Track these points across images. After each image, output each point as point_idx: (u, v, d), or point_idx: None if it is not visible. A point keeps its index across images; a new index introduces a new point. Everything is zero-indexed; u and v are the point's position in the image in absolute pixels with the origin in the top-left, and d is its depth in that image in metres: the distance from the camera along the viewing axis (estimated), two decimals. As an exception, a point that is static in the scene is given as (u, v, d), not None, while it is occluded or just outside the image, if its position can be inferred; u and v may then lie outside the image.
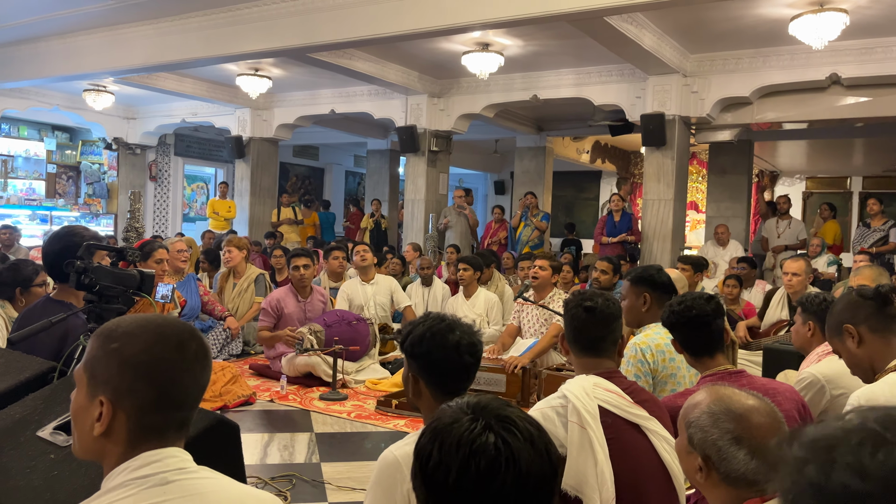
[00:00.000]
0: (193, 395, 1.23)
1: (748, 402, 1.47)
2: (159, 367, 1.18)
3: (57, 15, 7.75)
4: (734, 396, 1.49)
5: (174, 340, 1.21)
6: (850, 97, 7.65)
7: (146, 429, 1.18)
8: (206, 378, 1.26)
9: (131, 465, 1.16)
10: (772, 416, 1.45)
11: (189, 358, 1.21)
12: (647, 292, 3.13)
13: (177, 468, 1.17)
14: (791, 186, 15.27)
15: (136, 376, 1.17)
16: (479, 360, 1.92)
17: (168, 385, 1.19)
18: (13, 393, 2.20)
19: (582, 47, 7.53)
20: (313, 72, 9.02)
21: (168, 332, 1.22)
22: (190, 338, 1.23)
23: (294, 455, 3.49)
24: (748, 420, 1.42)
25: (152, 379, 1.18)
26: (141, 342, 1.19)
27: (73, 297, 2.76)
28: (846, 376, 2.71)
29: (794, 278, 4.97)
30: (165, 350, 1.19)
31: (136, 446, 1.17)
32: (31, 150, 12.47)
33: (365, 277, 5.99)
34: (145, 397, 1.17)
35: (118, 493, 1.14)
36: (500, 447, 1.02)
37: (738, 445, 1.41)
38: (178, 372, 1.20)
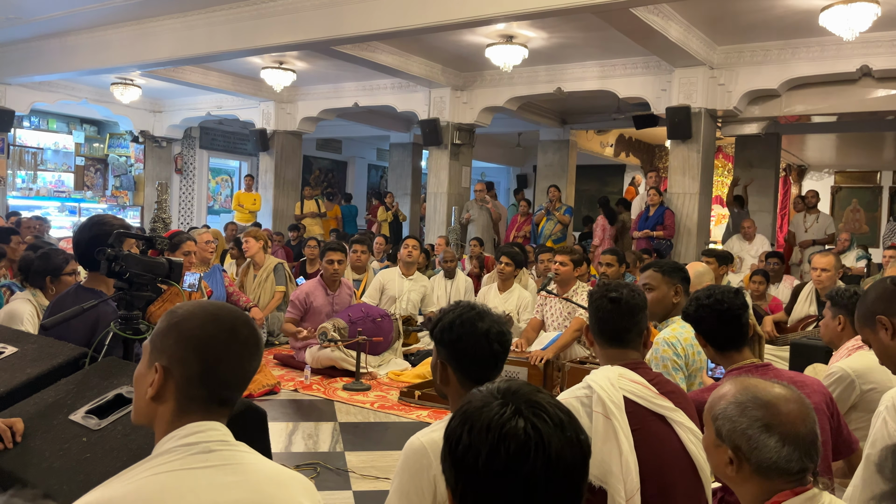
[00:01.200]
0: (239, 376, 1.33)
1: (775, 389, 1.45)
2: (209, 344, 1.29)
3: (85, 9, 7.86)
4: (760, 385, 1.47)
5: (228, 324, 1.32)
6: (881, 90, 7.50)
7: (191, 399, 1.28)
8: (254, 365, 1.35)
9: (179, 433, 1.26)
10: (800, 403, 1.44)
11: (239, 342, 1.31)
12: (679, 284, 3.12)
13: (219, 440, 1.27)
14: (819, 181, 15.02)
15: (187, 348, 1.29)
16: (507, 349, 1.92)
17: (215, 361, 1.29)
18: (46, 377, 2.24)
19: (607, 39, 7.46)
20: (337, 65, 9.05)
21: (223, 315, 1.33)
22: (243, 325, 1.34)
23: (318, 444, 3.52)
24: (777, 407, 1.41)
25: (201, 353, 1.28)
26: (197, 320, 1.31)
27: (103, 285, 2.80)
28: (877, 371, 2.67)
29: (824, 273, 4.90)
30: (217, 330, 1.30)
31: (183, 415, 1.28)
32: (59, 143, 12.67)
33: (406, 271, 6.08)
34: (193, 369, 1.28)
35: (167, 457, 1.23)
36: (530, 432, 1.02)
37: (768, 433, 1.39)
38: (225, 352, 1.30)
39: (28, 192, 11.85)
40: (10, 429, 1.85)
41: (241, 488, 1.22)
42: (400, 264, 6.13)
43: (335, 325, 4.86)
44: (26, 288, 3.75)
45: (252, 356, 1.33)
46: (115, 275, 2.35)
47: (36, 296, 3.67)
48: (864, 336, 2.08)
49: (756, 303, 5.95)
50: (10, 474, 1.78)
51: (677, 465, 2.02)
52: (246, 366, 1.33)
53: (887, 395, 1.82)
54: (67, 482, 1.71)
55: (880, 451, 1.74)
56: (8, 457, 1.82)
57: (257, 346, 1.35)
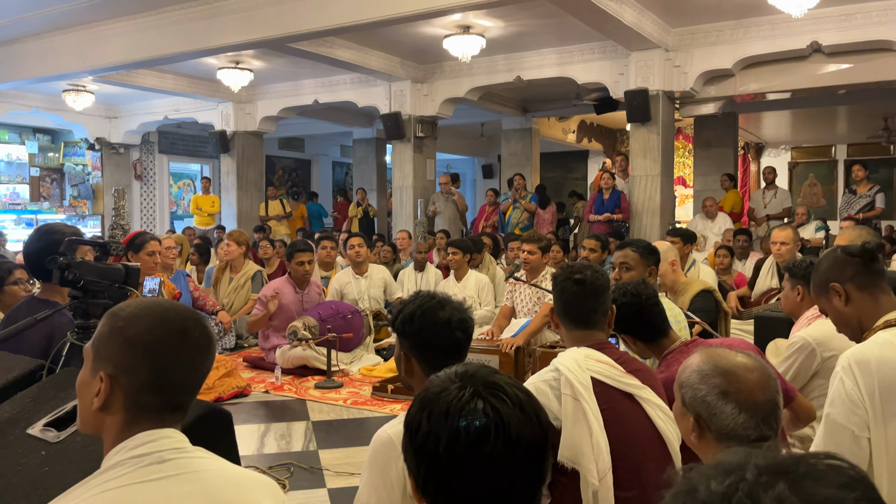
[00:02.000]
0: (192, 380, 1.26)
1: (736, 358, 1.49)
2: (159, 349, 1.21)
3: (32, 16, 7.65)
4: (723, 354, 1.50)
5: (177, 325, 1.24)
6: (831, 64, 7.65)
7: (142, 408, 1.21)
8: (207, 366, 1.29)
9: (128, 444, 1.18)
10: (761, 372, 1.46)
11: (190, 343, 1.24)
12: (654, 266, 3.18)
13: (173, 448, 1.20)
14: (777, 157, 15.31)
15: (135, 355, 1.20)
16: (470, 336, 1.92)
17: (166, 367, 1.21)
18: (1, 393, 2.18)
19: (563, 26, 7.49)
20: (295, 62, 8.95)
21: (172, 316, 1.25)
22: (194, 325, 1.26)
23: (291, 444, 3.49)
24: (735, 374, 1.44)
25: (151, 359, 1.21)
26: (144, 323, 1.22)
27: (58, 296, 2.73)
28: (836, 338, 2.72)
29: (783, 247, 4.98)
30: (167, 333, 1.22)
31: (133, 425, 1.20)
32: (12, 154, 12.34)
33: (358, 271, 5.97)
34: (143, 376, 1.20)
35: (116, 471, 1.16)
36: (490, 413, 1.01)
37: (725, 399, 1.42)
38: (177, 355, 1.22)
39: (-18, 206, 11.54)
40: (-35, 447, 1.78)
41: (197, 498, 1.16)
42: (351, 265, 6.04)
43: (305, 324, 4.81)
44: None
45: (205, 357, 1.27)
46: (68, 283, 2.28)
47: (-12, 309, 3.57)
48: (820, 305, 2.12)
49: (722, 278, 6.04)
50: (-33, 494, 1.73)
51: (647, 441, 2.04)
52: (199, 368, 1.26)
53: (843, 355, 1.86)
54: (26, 497, 1.66)
55: (840, 411, 1.79)
56: (-36, 476, 1.77)
57: (209, 345, 1.28)
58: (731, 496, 0.60)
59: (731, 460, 0.64)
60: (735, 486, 0.60)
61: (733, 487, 0.61)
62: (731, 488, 0.61)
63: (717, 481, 0.62)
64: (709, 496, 0.61)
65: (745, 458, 0.64)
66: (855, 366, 1.82)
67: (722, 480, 0.62)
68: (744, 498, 0.59)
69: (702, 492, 0.62)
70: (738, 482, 0.61)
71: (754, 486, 0.60)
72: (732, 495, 0.60)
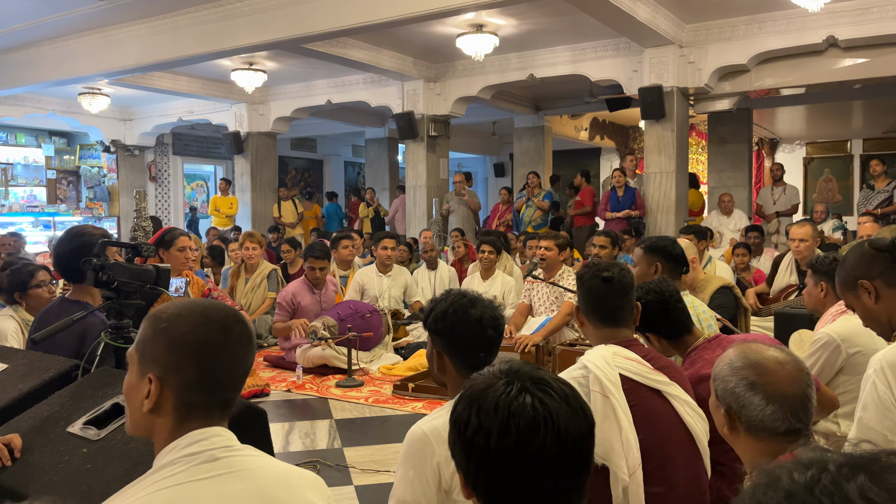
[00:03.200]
0: (237, 375, 1.28)
1: (768, 352, 1.50)
2: (204, 347, 1.23)
3: (48, 20, 7.72)
4: (755, 348, 1.52)
5: (219, 323, 1.26)
6: (847, 59, 7.61)
7: (192, 407, 1.23)
8: (250, 361, 1.31)
9: (180, 443, 1.21)
10: (793, 365, 1.47)
11: (233, 340, 1.26)
12: (660, 262, 3.15)
13: (223, 446, 1.22)
14: (791, 153, 15.21)
15: (182, 355, 1.22)
16: (501, 333, 1.94)
17: (212, 364, 1.24)
18: (38, 392, 2.22)
19: (576, 23, 7.49)
20: (308, 63, 8.99)
21: (213, 314, 1.27)
22: (234, 321, 1.28)
23: (316, 442, 3.52)
24: (764, 367, 1.45)
25: (197, 358, 1.23)
26: (187, 323, 1.24)
27: (88, 297, 2.77)
28: (861, 334, 2.73)
29: (802, 244, 4.96)
30: (210, 331, 1.24)
31: (183, 424, 1.23)
32: (29, 157, 12.47)
33: (383, 270, 6.01)
34: (190, 375, 1.22)
35: (169, 469, 1.18)
36: (538, 407, 1.03)
37: (753, 391, 1.43)
38: (221, 352, 1.24)
39: (0, 208, 11.65)
40: (6, 446, 1.82)
41: (249, 495, 1.18)
42: (377, 263, 6.09)
43: (325, 324, 4.85)
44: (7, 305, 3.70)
45: (247, 352, 1.30)
46: (102, 284, 2.32)
47: (17, 311, 3.63)
48: (846, 301, 2.11)
49: (740, 275, 6.03)
50: (11, 490, 1.76)
51: (676, 437, 2.06)
52: (243, 363, 1.29)
53: (874, 358, 1.85)
54: (70, 494, 1.69)
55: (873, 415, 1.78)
56: (7, 473, 1.81)
57: (251, 340, 1.31)
58: (814, 486, 0.62)
59: (810, 456, 0.67)
60: (817, 477, 0.63)
61: (815, 478, 0.63)
62: (814, 479, 0.63)
63: (799, 472, 0.64)
64: (792, 485, 0.64)
65: (824, 454, 0.67)
66: (887, 368, 1.80)
67: (804, 472, 0.64)
68: (828, 485, 0.62)
69: (784, 481, 0.64)
70: (820, 473, 0.63)
71: (836, 476, 0.62)
72: (815, 485, 0.62)
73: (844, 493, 0.61)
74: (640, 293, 2.43)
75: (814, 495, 0.62)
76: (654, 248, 3.19)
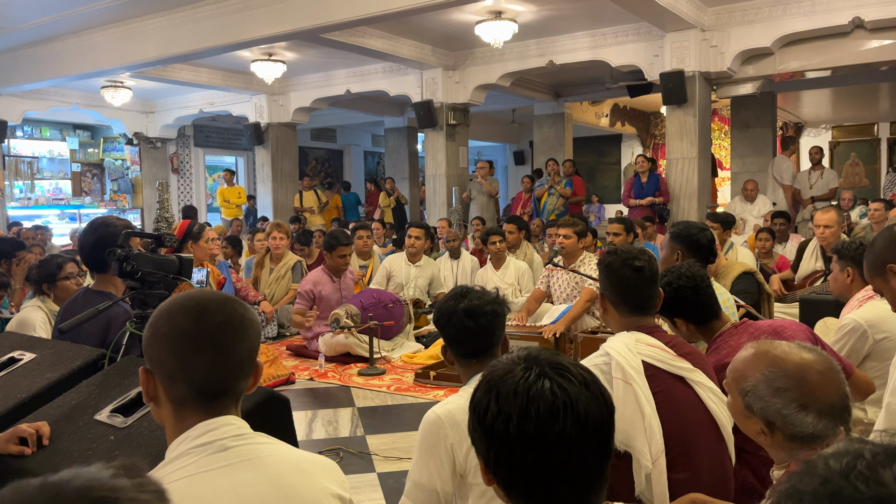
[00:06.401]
0: (223, 365, 1.21)
1: (801, 357, 1.43)
2: (178, 338, 1.20)
3: (71, 13, 7.81)
4: (786, 356, 1.44)
5: (195, 312, 1.21)
6: (874, 41, 7.45)
7: (182, 398, 1.20)
8: (241, 349, 1.23)
9: (190, 434, 1.19)
10: (827, 366, 1.42)
11: (210, 329, 1.20)
12: (681, 250, 3.12)
13: (234, 435, 1.20)
14: (817, 137, 14.96)
15: (160, 346, 1.21)
16: (481, 325, 1.94)
17: (188, 355, 1.19)
18: (66, 381, 2.26)
19: (596, 8, 7.41)
20: (327, 52, 9.00)
21: (191, 304, 1.23)
22: (216, 309, 1.22)
23: (339, 430, 3.55)
24: (808, 382, 1.38)
25: (173, 350, 1.20)
26: (165, 315, 1.22)
27: (111, 287, 2.81)
28: (888, 319, 2.69)
29: (827, 230, 4.89)
30: (185, 321, 1.21)
31: (181, 415, 1.21)
32: (54, 151, 12.66)
33: (413, 259, 6.07)
34: (169, 367, 1.20)
35: (181, 461, 1.17)
36: (557, 392, 1.03)
37: (805, 411, 1.37)
38: (195, 342, 1.20)
39: (27, 201, 11.85)
40: (36, 432, 1.86)
41: (263, 484, 1.17)
42: (406, 253, 6.13)
43: (347, 312, 4.88)
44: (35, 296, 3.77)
45: (234, 340, 1.21)
46: (126, 275, 2.35)
47: (45, 302, 3.69)
48: (875, 286, 2.08)
49: (763, 261, 5.95)
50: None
51: (699, 424, 2.04)
52: (228, 351, 1.21)
53: None
54: (99, 480, 1.72)
55: None
56: (37, 460, 1.84)
57: (239, 328, 1.22)
58: (850, 472, 0.63)
59: (847, 445, 0.68)
60: (853, 464, 0.64)
61: (851, 465, 0.64)
62: (850, 466, 0.64)
63: (835, 460, 0.65)
64: (828, 472, 0.65)
65: (861, 444, 0.68)
66: None
67: (840, 459, 0.65)
68: (863, 471, 0.63)
69: (820, 468, 0.65)
70: (855, 460, 0.64)
71: (872, 463, 0.63)
72: (851, 471, 0.63)
73: (880, 479, 0.62)
74: (672, 277, 2.42)
75: (849, 481, 0.63)
76: (676, 237, 3.17)
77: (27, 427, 1.86)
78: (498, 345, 1.98)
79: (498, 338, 1.98)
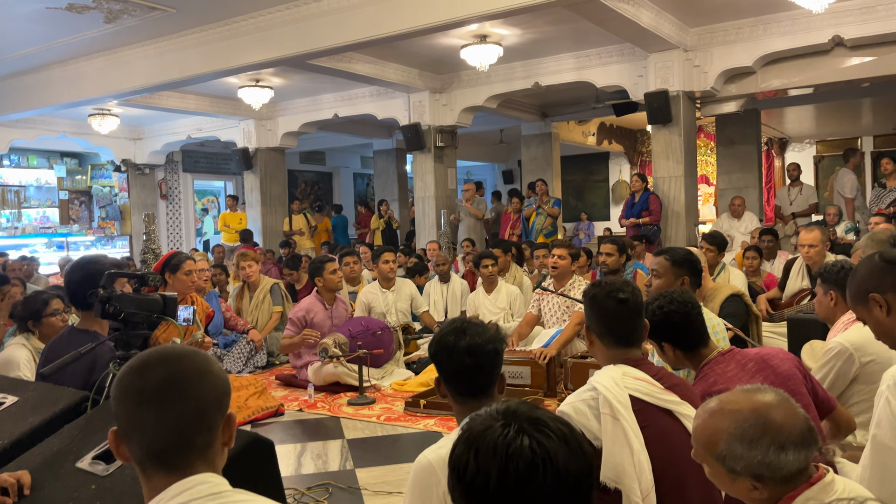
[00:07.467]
0: (169, 421, 1.16)
1: (754, 402, 1.42)
2: (123, 396, 1.18)
3: (57, 43, 7.81)
4: (742, 407, 1.42)
5: (136, 368, 1.18)
6: (854, 58, 7.55)
7: (140, 459, 1.18)
8: (186, 405, 1.17)
9: (163, 497, 1.15)
10: (780, 398, 1.43)
11: (150, 385, 1.16)
12: (687, 276, 3.14)
13: (209, 494, 1.15)
14: (801, 152, 15.10)
15: (114, 405, 1.20)
16: (481, 362, 1.93)
17: (131, 412, 1.17)
18: (49, 425, 2.23)
19: (580, 31, 7.49)
20: (314, 78, 9.03)
21: (135, 362, 1.20)
22: (158, 364, 1.18)
23: (328, 463, 3.51)
24: (774, 422, 1.38)
25: (122, 408, 1.18)
26: (121, 372, 1.20)
27: (97, 326, 2.79)
28: (874, 343, 2.66)
29: (811, 249, 4.91)
30: (130, 379, 1.18)
31: (147, 476, 1.18)
32: (41, 179, 12.61)
33: (385, 285, 5.99)
34: (123, 426, 1.19)
35: None
36: (536, 449, 1.03)
37: (785, 451, 1.37)
38: (138, 399, 1.16)
39: (14, 230, 11.78)
40: (17, 482, 1.83)
41: None
42: (378, 278, 6.05)
43: (336, 341, 4.85)
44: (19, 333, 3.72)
45: (179, 394, 1.16)
46: (109, 316, 2.34)
47: (29, 339, 3.65)
48: (858, 314, 2.07)
49: (751, 279, 5.96)
50: (22, 529, 1.77)
51: (689, 458, 2.02)
52: (172, 406, 1.15)
53: (888, 373, 1.81)
54: (80, 532, 1.69)
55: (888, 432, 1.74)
56: (18, 511, 1.81)
57: (184, 381, 1.17)
58: None
59: None
60: None
61: None
62: None
63: None
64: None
65: None
66: None
67: None
68: None
69: None
70: None
71: None
72: None
73: None
74: (664, 302, 2.41)
75: None
76: (683, 262, 3.19)
77: (8, 477, 1.84)
78: (496, 383, 1.96)
79: (496, 376, 1.96)
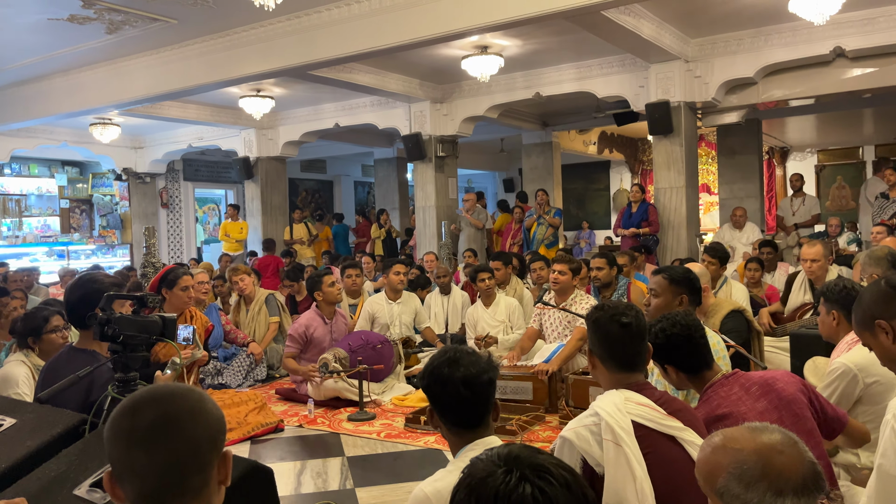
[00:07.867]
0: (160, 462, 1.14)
1: (758, 443, 1.39)
2: (113, 440, 1.17)
3: (59, 53, 7.82)
4: (744, 447, 1.39)
5: (129, 409, 1.17)
6: (855, 69, 7.55)
7: (134, 502, 1.16)
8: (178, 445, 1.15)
9: None
10: (786, 441, 1.38)
11: (140, 428, 1.14)
12: (686, 295, 3.12)
13: None
14: (803, 161, 15.10)
15: (107, 446, 1.18)
16: (477, 393, 1.91)
17: (122, 454, 1.16)
18: (47, 449, 2.21)
19: (581, 41, 7.49)
20: (315, 87, 9.04)
21: (128, 402, 1.18)
22: (149, 404, 1.16)
23: (328, 482, 3.49)
24: (774, 466, 1.35)
25: (111, 449, 1.18)
26: (113, 413, 1.19)
27: (95, 345, 2.77)
28: (878, 363, 2.66)
29: (814, 264, 4.89)
30: (120, 420, 1.17)
31: None
32: (42, 188, 12.61)
33: (393, 296, 5.97)
34: (116, 468, 1.17)
35: None
36: (539, 497, 1.01)
37: (782, 497, 1.35)
38: (128, 441, 1.15)
39: (14, 239, 11.77)
40: (14, 511, 1.81)
41: None
42: (386, 289, 6.04)
43: (336, 356, 4.83)
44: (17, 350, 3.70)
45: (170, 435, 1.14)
46: (108, 338, 2.32)
47: (29, 356, 3.63)
48: (863, 340, 2.05)
49: (752, 291, 5.94)
50: (18, 559, 1.75)
51: (692, 485, 2.00)
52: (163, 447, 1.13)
53: (893, 402, 1.79)
54: (77, 564, 1.67)
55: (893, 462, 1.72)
56: (14, 541, 1.79)
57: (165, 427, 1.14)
58: None
59: None
60: None
61: None
62: None
63: None
64: None
65: None
66: None
67: None
68: None
69: None
70: None
71: None
72: None
73: None
74: (666, 324, 2.38)
75: None
76: (681, 281, 3.16)
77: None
78: (490, 413, 1.94)
79: (492, 405, 1.94)
